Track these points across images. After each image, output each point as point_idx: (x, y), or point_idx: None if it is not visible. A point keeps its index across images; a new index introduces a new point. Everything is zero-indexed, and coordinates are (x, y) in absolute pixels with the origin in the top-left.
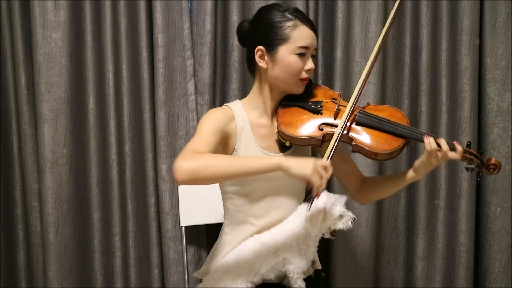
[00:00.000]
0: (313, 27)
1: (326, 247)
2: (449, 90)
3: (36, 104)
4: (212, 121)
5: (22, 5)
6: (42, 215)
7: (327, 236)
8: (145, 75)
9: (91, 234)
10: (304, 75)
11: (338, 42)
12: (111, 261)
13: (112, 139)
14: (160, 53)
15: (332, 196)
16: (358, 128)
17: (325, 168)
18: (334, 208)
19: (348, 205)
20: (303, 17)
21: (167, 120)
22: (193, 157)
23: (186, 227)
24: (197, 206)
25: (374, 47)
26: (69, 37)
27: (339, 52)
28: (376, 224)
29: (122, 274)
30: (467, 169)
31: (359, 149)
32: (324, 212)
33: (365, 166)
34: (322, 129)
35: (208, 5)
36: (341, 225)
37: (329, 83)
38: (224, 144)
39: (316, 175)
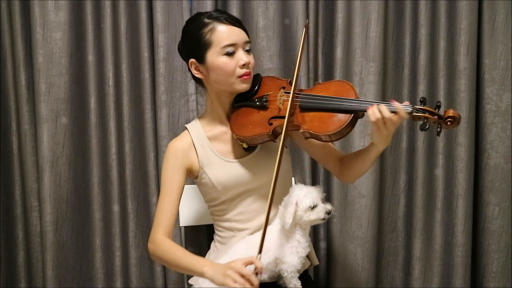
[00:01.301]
0: (235, 22)
1: (327, 248)
2: (447, 90)
3: (36, 104)
4: (168, 169)
5: (22, 5)
6: (41, 215)
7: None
8: (146, 75)
9: (91, 233)
10: (240, 71)
11: (338, 42)
12: (111, 260)
13: (112, 138)
14: (160, 53)
15: (304, 188)
16: (303, 114)
17: (252, 264)
18: (305, 200)
19: (350, 206)
20: (223, 17)
21: (167, 120)
22: (155, 248)
23: (186, 227)
24: (197, 206)
25: (372, 46)
26: (69, 37)
27: (339, 52)
28: (377, 225)
29: (122, 273)
30: (421, 129)
31: (309, 135)
32: (296, 205)
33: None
34: (271, 124)
35: (208, 5)
36: (313, 216)
37: None
38: (190, 171)
39: (234, 283)
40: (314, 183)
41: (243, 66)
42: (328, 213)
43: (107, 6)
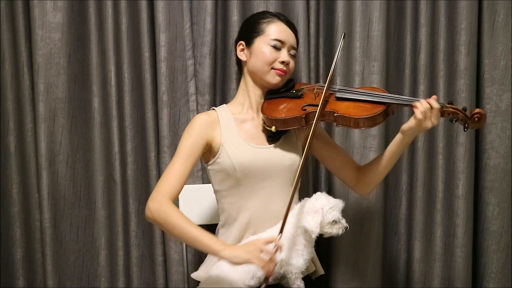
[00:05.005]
0: (290, 26)
1: (327, 250)
2: (446, 90)
3: (35, 104)
4: (190, 138)
5: (25, 5)
6: (41, 211)
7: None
8: (147, 75)
9: (96, 231)
10: (278, 65)
11: (337, 41)
12: (114, 259)
13: (114, 138)
14: (161, 53)
15: (332, 200)
16: (338, 102)
17: (274, 244)
18: (331, 212)
19: (352, 208)
20: (282, 17)
21: (168, 120)
22: (158, 211)
23: None
24: (197, 206)
25: (374, 45)
26: (68, 38)
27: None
28: (379, 228)
29: (124, 273)
30: (450, 120)
31: (342, 120)
32: (322, 214)
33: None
34: (305, 109)
35: (209, 5)
36: (334, 230)
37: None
38: (209, 149)
39: (257, 259)
40: (315, 183)
41: (282, 63)
42: (346, 229)
43: (108, 6)
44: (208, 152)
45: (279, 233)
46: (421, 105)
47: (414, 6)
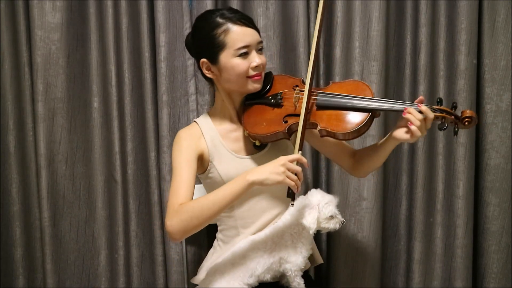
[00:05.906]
0: (249, 23)
1: (326, 250)
2: (446, 90)
3: (35, 104)
4: (182, 151)
5: (25, 5)
6: (40, 210)
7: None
8: (147, 75)
9: (96, 231)
10: (252, 72)
11: (336, 41)
12: (115, 259)
13: (115, 138)
14: (161, 53)
15: (326, 195)
16: (320, 112)
17: (297, 161)
18: (327, 207)
19: (350, 208)
20: (236, 17)
21: (168, 119)
22: (177, 217)
23: None
24: None
25: (374, 45)
26: (67, 38)
27: (337, 51)
28: (379, 229)
29: (124, 272)
30: (439, 128)
31: (326, 133)
32: (318, 210)
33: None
34: (286, 121)
35: (208, 5)
36: (331, 225)
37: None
38: (200, 161)
39: (288, 180)
40: (315, 183)
41: (255, 67)
42: (342, 223)
43: (109, 6)
44: (200, 164)
45: (299, 150)
46: (415, 120)
47: (414, 6)
